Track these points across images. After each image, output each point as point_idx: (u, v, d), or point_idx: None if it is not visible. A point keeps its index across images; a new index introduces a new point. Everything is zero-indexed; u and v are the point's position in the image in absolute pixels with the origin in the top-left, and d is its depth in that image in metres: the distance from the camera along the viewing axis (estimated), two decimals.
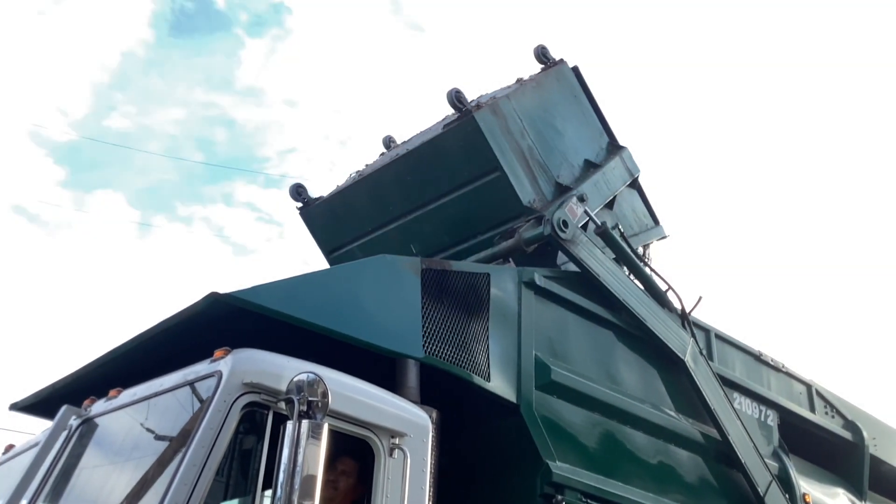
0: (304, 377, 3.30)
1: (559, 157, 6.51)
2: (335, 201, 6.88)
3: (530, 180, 6.06)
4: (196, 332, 4.02)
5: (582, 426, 5.17)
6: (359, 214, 6.72)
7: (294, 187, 7.05)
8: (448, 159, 6.05)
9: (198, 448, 3.39)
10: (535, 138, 6.27)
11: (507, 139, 5.96)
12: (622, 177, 7.05)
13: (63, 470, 4.10)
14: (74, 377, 4.75)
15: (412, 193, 6.34)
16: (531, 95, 6.48)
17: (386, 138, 7.75)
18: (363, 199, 6.66)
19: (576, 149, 6.75)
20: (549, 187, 6.24)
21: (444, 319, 4.61)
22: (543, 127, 6.45)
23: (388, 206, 6.51)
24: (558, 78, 6.87)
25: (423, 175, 6.23)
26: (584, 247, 5.71)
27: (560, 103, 6.77)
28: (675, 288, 6.30)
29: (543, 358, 5.07)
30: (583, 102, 7.03)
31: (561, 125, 6.67)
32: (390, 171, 6.44)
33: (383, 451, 3.84)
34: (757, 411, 6.77)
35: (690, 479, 5.79)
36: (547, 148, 6.38)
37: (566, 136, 6.68)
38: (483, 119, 5.82)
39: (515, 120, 6.14)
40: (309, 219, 7.10)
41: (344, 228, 6.86)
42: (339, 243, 6.94)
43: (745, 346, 7.11)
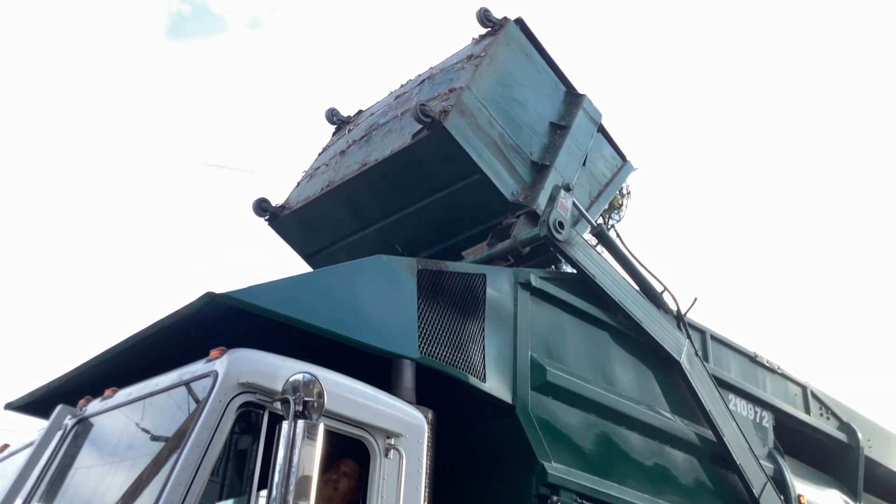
0: (300, 377, 3.30)
1: (528, 131, 6.34)
2: (306, 211, 6.65)
3: (509, 171, 5.95)
4: (192, 332, 4.02)
5: (577, 427, 5.17)
6: (334, 221, 6.56)
7: (256, 203, 6.82)
8: (423, 168, 5.89)
9: (193, 448, 3.39)
10: (502, 122, 6.09)
11: (479, 137, 5.79)
12: (589, 130, 6.85)
13: (58, 470, 4.09)
14: (70, 376, 4.75)
15: (389, 200, 6.20)
16: (488, 75, 6.19)
17: (329, 112, 7.53)
18: (336, 207, 6.47)
19: (539, 114, 6.53)
20: (526, 169, 6.13)
21: (439, 320, 4.61)
22: (507, 104, 6.24)
23: (365, 213, 6.37)
24: (508, 42, 6.54)
25: (398, 183, 6.06)
26: (580, 248, 5.71)
27: (515, 70, 6.51)
28: (671, 289, 6.31)
29: (539, 359, 5.07)
30: (535, 58, 6.74)
31: (521, 95, 6.44)
32: (362, 181, 6.19)
33: (379, 451, 3.84)
34: (752, 413, 6.78)
35: (685, 481, 5.79)
36: (515, 127, 6.21)
37: (528, 104, 6.47)
38: (453, 126, 5.63)
39: (481, 111, 5.94)
40: (279, 228, 6.89)
41: (319, 234, 6.71)
42: (316, 247, 6.80)
43: (740, 348, 7.12)
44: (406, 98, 6.75)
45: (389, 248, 5.94)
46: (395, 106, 6.77)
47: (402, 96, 6.91)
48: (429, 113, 5.58)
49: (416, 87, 6.83)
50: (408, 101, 6.58)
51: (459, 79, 6.18)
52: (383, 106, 7.08)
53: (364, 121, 7.17)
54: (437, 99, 6.03)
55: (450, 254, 5.94)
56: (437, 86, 6.38)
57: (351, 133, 7.10)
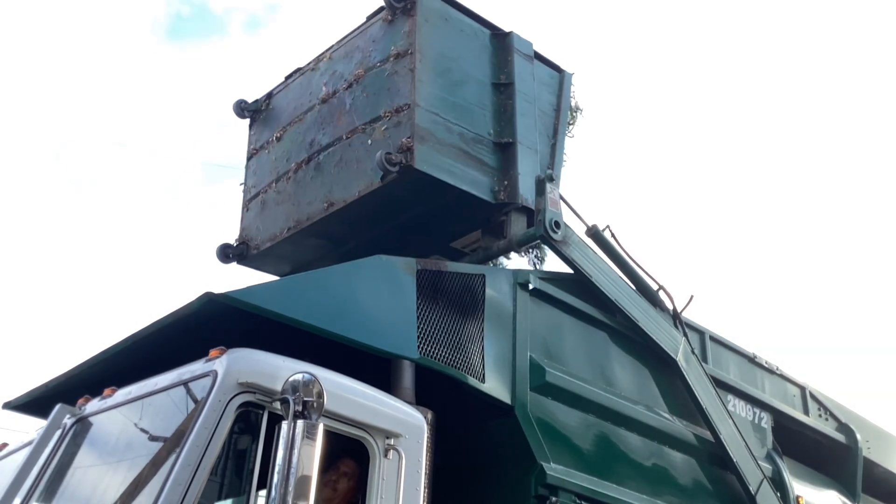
0: (300, 377, 3.30)
1: (479, 112, 5.87)
2: (276, 248, 6.31)
3: (481, 170, 5.68)
4: (191, 332, 4.02)
5: (576, 428, 5.18)
6: (309, 250, 6.30)
7: (220, 250, 6.52)
8: (398, 203, 5.62)
9: (192, 448, 3.39)
10: (456, 119, 5.67)
11: (445, 154, 5.48)
12: (528, 70, 6.29)
13: (57, 469, 4.09)
14: (69, 376, 4.75)
15: (366, 230, 5.96)
16: (425, 75, 5.59)
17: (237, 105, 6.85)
18: (310, 241, 6.15)
19: (480, 82, 6.00)
20: (494, 156, 5.81)
21: (439, 320, 4.61)
22: (453, 97, 5.74)
23: (342, 240, 6.12)
24: (426, 17, 5.75)
25: (373, 218, 5.79)
26: (576, 247, 5.67)
27: (444, 48, 5.82)
28: (667, 287, 6.30)
29: (538, 359, 5.08)
30: (453, 17, 6.00)
31: (459, 72, 5.87)
32: (333, 219, 5.85)
33: (378, 451, 3.84)
34: (751, 413, 6.78)
35: (684, 481, 5.80)
36: (468, 116, 5.77)
37: (469, 78, 5.93)
38: (423, 161, 5.29)
39: (436, 121, 5.53)
40: (253, 265, 6.58)
41: (295, 260, 6.44)
42: (295, 268, 6.50)
43: (739, 349, 7.12)
44: (338, 107, 6.06)
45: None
46: (328, 115, 6.12)
47: (330, 101, 6.16)
48: (395, 161, 5.24)
49: (343, 89, 6.07)
50: (343, 114, 5.98)
51: (398, 89, 5.60)
52: (304, 102, 6.40)
53: (287, 121, 6.52)
54: (383, 120, 5.57)
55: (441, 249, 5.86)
56: (374, 95, 5.77)
57: (282, 143, 6.49)
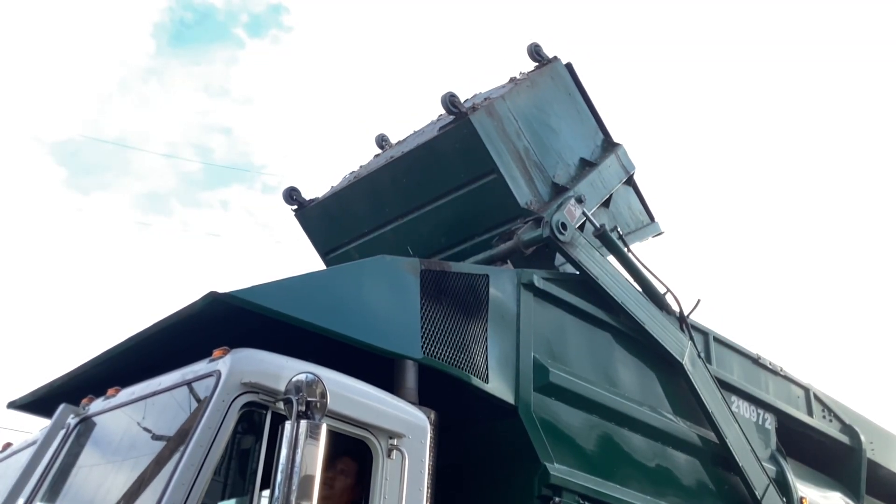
0: (303, 377, 3.30)
1: (555, 156, 6.47)
2: (330, 203, 6.86)
3: (527, 181, 6.04)
4: (195, 332, 4.02)
5: (580, 428, 5.18)
6: (355, 216, 6.70)
7: (287, 191, 7.01)
8: (444, 162, 6.02)
9: (196, 448, 3.38)
10: (530, 138, 6.24)
11: (503, 141, 5.93)
12: (618, 174, 7.00)
13: (60, 469, 4.09)
14: (72, 375, 4.75)
15: (408, 195, 6.31)
16: (526, 95, 6.42)
17: (378, 137, 7.71)
18: (359, 200, 6.63)
19: (571, 147, 6.70)
20: (546, 188, 6.22)
21: (442, 320, 4.61)
22: (539, 126, 6.40)
23: (385, 208, 6.48)
24: (552, 76, 6.80)
25: (419, 177, 6.20)
26: (583, 249, 5.71)
27: (555, 102, 6.71)
28: (674, 290, 6.31)
29: (542, 360, 5.07)
30: (577, 100, 6.96)
31: (556, 124, 6.62)
32: (386, 172, 6.39)
33: (381, 451, 3.84)
34: (755, 415, 6.77)
35: (688, 482, 5.79)
36: (543, 148, 6.35)
37: (561, 134, 6.64)
38: (479, 121, 5.77)
39: (511, 121, 6.09)
40: (304, 220, 7.07)
41: (340, 230, 6.84)
42: (335, 244, 6.91)
43: (743, 350, 7.11)
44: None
45: (402, 251, 5.98)
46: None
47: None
48: (457, 104, 5.74)
49: None
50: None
51: (497, 92, 6.35)
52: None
53: None
54: (470, 100, 6.18)
55: (460, 259, 5.93)
56: (475, 99, 6.50)
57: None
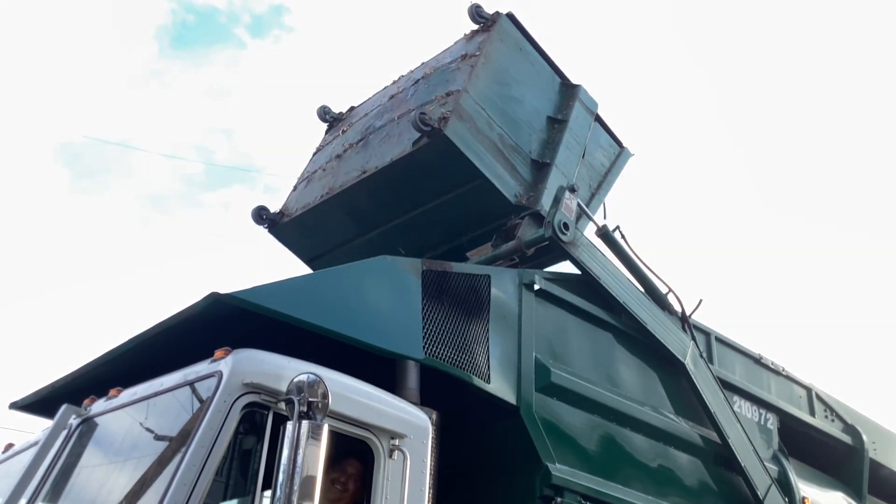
0: (305, 378, 3.30)
1: (526, 129, 6.30)
2: (306, 218, 6.60)
3: (510, 172, 5.93)
4: (196, 332, 4.02)
5: (582, 428, 5.17)
6: (335, 227, 6.52)
7: (255, 211, 6.79)
8: (424, 175, 5.84)
9: (198, 448, 3.39)
10: (501, 122, 6.05)
11: (479, 140, 5.76)
12: (586, 121, 6.79)
13: (62, 469, 4.09)
14: (74, 376, 4.75)
15: (391, 206, 6.17)
16: (484, 75, 6.14)
17: (321, 110, 7.49)
18: (337, 213, 6.43)
19: (536, 110, 6.51)
20: (527, 168, 6.12)
21: (444, 321, 4.61)
22: (504, 103, 6.20)
23: (366, 218, 6.34)
24: (501, 37, 6.48)
25: (399, 190, 6.03)
26: (585, 249, 5.70)
27: (510, 66, 6.47)
28: (676, 290, 6.30)
29: (543, 360, 5.07)
30: (529, 52, 6.70)
31: (518, 91, 6.39)
32: (362, 188, 6.14)
33: (383, 452, 3.84)
34: (757, 415, 6.77)
35: (690, 482, 5.79)
36: (514, 126, 6.17)
37: (525, 100, 6.43)
38: (453, 132, 5.57)
39: (479, 113, 5.90)
40: (280, 236, 6.86)
41: (321, 240, 6.69)
42: (318, 252, 6.76)
43: (745, 350, 7.10)
44: (401, 99, 6.69)
45: (392, 252, 5.93)
46: (389, 107, 6.71)
47: (396, 96, 6.83)
48: (428, 121, 5.53)
49: (410, 86, 6.75)
50: (403, 103, 6.54)
51: (455, 80, 6.12)
52: (377, 105, 7.01)
53: (358, 120, 7.11)
54: (434, 102, 5.98)
55: (454, 255, 5.94)
56: (433, 87, 6.32)
57: (346, 135, 7.04)
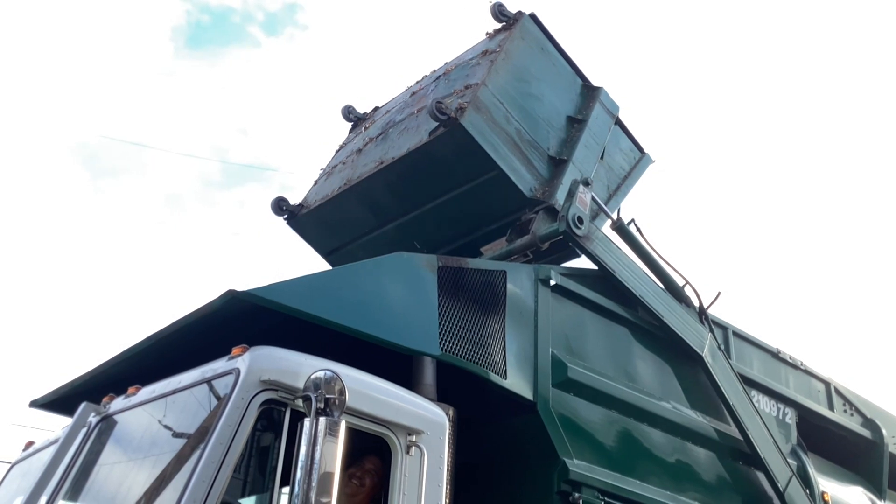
0: (322, 374, 3.30)
1: (544, 126, 6.29)
2: (324, 210, 6.64)
3: (526, 166, 5.92)
4: (214, 330, 4.04)
5: (599, 424, 5.15)
6: (352, 219, 6.56)
7: (275, 202, 6.85)
8: (441, 165, 5.84)
9: (216, 445, 3.40)
10: (519, 117, 6.05)
11: (495, 133, 5.77)
12: (606, 123, 6.79)
13: (82, 466, 4.12)
14: (93, 374, 4.79)
15: (407, 198, 6.19)
16: (504, 70, 6.17)
17: (345, 109, 7.54)
18: (354, 205, 6.47)
19: (556, 108, 6.51)
20: (543, 164, 6.10)
21: (460, 317, 4.60)
22: (523, 100, 6.21)
23: (383, 210, 6.36)
24: (523, 36, 6.53)
25: (416, 181, 6.05)
26: (600, 242, 5.67)
27: (531, 65, 6.50)
28: (693, 283, 6.26)
29: (560, 355, 5.06)
30: (550, 52, 6.73)
31: (537, 89, 6.42)
32: (379, 178, 6.18)
33: (400, 448, 3.84)
34: (775, 409, 6.73)
35: (709, 477, 5.76)
36: (532, 122, 6.17)
37: (545, 99, 6.44)
38: (469, 123, 5.59)
39: (497, 106, 5.91)
40: (298, 228, 6.91)
41: (338, 232, 6.72)
42: (335, 245, 6.80)
43: (763, 344, 7.06)
44: (421, 95, 6.74)
45: (408, 246, 5.94)
46: (410, 103, 6.76)
47: (417, 93, 6.90)
48: (445, 110, 5.54)
49: (431, 83, 6.82)
50: (423, 98, 6.57)
51: (475, 75, 6.15)
52: (399, 103, 7.07)
53: (380, 118, 7.16)
54: (452, 96, 5.99)
55: (469, 250, 5.93)
56: (453, 82, 6.36)
57: (367, 131, 7.09)
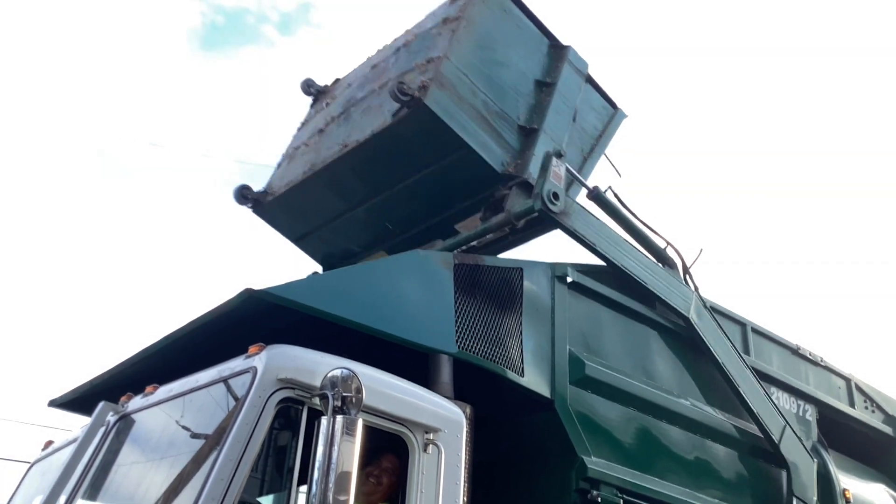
0: (338, 373, 3.30)
1: (512, 94, 5.94)
2: (290, 196, 6.32)
3: (496, 140, 5.62)
4: (229, 329, 4.04)
5: (617, 421, 5.13)
6: (320, 204, 6.26)
7: (238, 191, 6.50)
8: (406, 146, 5.55)
9: (233, 444, 3.40)
10: (485, 88, 5.70)
11: (462, 109, 5.44)
12: (576, 83, 6.43)
13: (101, 466, 4.14)
14: (111, 374, 4.81)
15: (375, 180, 5.93)
16: (466, 39, 5.75)
17: (304, 83, 7.17)
18: (321, 190, 6.15)
19: (523, 73, 6.13)
20: (514, 135, 5.81)
21: (477, 315, 4.59)
22: (488, 69, 5.83)
23: (351, 194, 6.08)
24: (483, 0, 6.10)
25: (382, 164, 5.74)
26: (578, 216, 5.43)
27: (494, 29, 6.09)
28: (674, 243, 6.08)
29: (577, 353, 5.04)
30: (513, 13, 6.30)
31: (503, 55, 6.02)
32: (344, 163, 5.86)
33: (417, 446, 3.84)
34: (795, 406, 6.68)
35: (728, 475, 5.72)
36: (499, 92, 5.81)
37: (511, 64, 6.05)
38: (434, 101, 5.26)
39: (462, 80, 5.56)
40: (265, 215, 6.59)
41: (306, 218, 6.47)
42: (304, 231, 6.58)
43: (782, 340, 7.01)
44: (383, 68, 6.37)
45: (380, 226, 5.86)
46: (372, 77, 6.40)
47: (378, 66, 6.52)
48: (407, 90, 5.22)
49: (392, 55, 6.42)
50: (384, 73, 6.26)
51: (436, 46, 5.78)
52: (360, 76, 6.72)
53: (341, 93, 6.81)
54: (414, 71, 5.67)
55: (443, 228, 5.80)
56: (414, 54, 5.99)
57: (329, 108, 6.76)
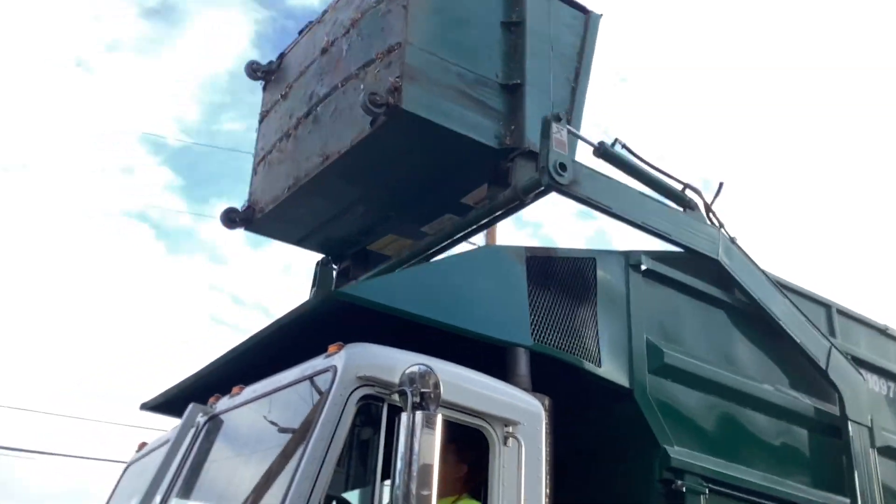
0: (416, 369, 3.34)
1: (484, 51, 5.43)
2: (280, 210, 6.08)
3: (483, 112, 5.21)
4: (307, 329, 4.13)
5: (698, 409, 5.07)
6: (314, 210, 6.04)
7: (224, 215, 6.29)
8: (393, 149, 5.25)
9: (318, 441, 3.48)
10: (455, 58, 5.23)
11: (439, 95, 5.06)
12: (542, 8, 5.74)
13: (193, 465, 4.27)
14: (199, 376, 4.95)
15: (365, 182, 5.69)
16: (420, 10, 5.21)
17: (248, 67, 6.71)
18: (312, 199, 5.90)
19: (487, 21, 5.54)
20: (499, 98, 5.33)
21: (551, 306, 4.59)
22: (452, 32, 5.32)
23: (345, 196, 5.84)
24: None
25: (370, 168, 5.46)
26: (588, 181, 5.11)
27: None
28: (692, 184, 5.79)
29: (655, 341, 4.99)
30: None
31: (460, 10, 5.47)
32: (330, 173, 5.54)
33: (497, 440, 3.86)
34: (885, 388, 6.48)
35: (816, 461, 5.59)
36: (470, 55, 5.32)
37: (472, 16, 5.49)
38: (410, 100, 4.89)
39: (430, 60, 5.10)
40: (259, 230, 6.43)
41: (303, 223, 6.25)
42: (303, 234, 6.40)
43: (869, 321, 6.81)
44: (336, 56, 5.85)
45: (383, 217, 5.84)
46: (326, 66, 5.93)
47: (329, 50, 5.97)
48: (380, 102, 4.86)
49: (342, 38, 5.85)
50: (340, 62, 5.75)
51: (392, 28, 5.27)
52: (309, 58, 6.21)
53: (296, 80, 6.33)
54: (376, 63, 5.26)
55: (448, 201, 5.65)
56: (368, 38, 5.50)
57: (288, 102, 6.33)
